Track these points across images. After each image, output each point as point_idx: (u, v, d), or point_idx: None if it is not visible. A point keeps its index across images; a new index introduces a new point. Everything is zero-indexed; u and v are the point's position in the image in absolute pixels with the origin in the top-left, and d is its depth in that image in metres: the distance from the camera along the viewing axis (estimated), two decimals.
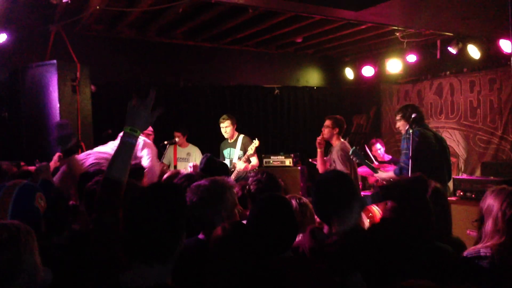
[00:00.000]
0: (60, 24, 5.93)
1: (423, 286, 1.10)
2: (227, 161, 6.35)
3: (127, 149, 1.91)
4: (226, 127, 6.32)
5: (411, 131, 4.56)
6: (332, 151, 5.38)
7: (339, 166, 5.14)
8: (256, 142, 6.09)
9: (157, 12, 5.93)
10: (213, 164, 3.69)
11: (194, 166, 4.75)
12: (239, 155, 6.27)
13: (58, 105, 5.40)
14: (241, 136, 6.38)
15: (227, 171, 4.01)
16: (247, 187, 3.24)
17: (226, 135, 6.39)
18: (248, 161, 6.09)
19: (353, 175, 5.17)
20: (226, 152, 6.47)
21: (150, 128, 5.26)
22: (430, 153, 4.75)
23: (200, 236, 2.41)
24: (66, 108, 5.48)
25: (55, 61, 5.45)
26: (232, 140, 6.41)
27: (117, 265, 1.67)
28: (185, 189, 2.46)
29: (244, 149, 6.22)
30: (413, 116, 4.69)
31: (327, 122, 5.50)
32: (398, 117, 4.95)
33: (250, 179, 3.28)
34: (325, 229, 2.46)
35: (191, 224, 2.31)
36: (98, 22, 6.39)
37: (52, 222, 2.37)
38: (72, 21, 5.87)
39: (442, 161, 4.89)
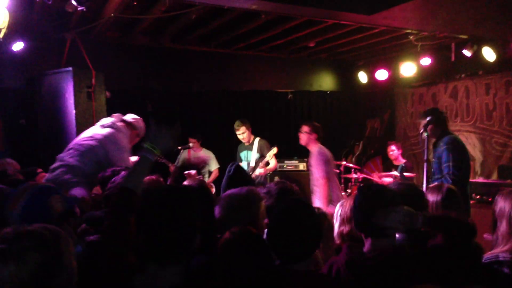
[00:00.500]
0: (76, 31, 6.01)
1: None
2: (244, 164, 6.41)
3: (145, 163, 2.01)
4: (242, 133, 6.40)
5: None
6: (311, 156, 5.39)
7: (316, 171, 5.17)
8: (274, 150, 6.16)
9: (170, 19, 5.98)
10: (241, 173, 3.66)
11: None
12: (256, 158, 6.33)
13: (74, 111, 5.47)
14: (257, 138, 6.44)
15: (253, 181, 4.02)
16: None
17: (244, 141, 6.45)
18: (266, 164, 6.16)
19: (330, 180, 5.14)
20: (243, 154, 6.52)
21: None
22: (468, 161, 4.70)
23: None
24: (81, 114, 5.55)
25: (70, 68, 5.52)
26: (249, 143, 6.46)
27: (130, 269, 1.70)
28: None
29: (261, 151, 6.29)
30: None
31: (305, 128, 5.51)
32: (426, 121, 4.63)
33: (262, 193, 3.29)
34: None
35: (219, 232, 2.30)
36: (112, 29, 6.46)
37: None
38: (87, 28, 5.95)
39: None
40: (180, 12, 5.49)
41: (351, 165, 7.59)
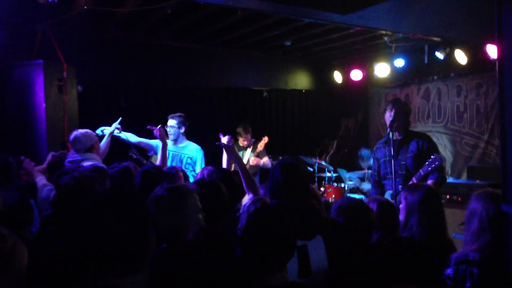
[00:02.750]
0: (47, 23, 5.87)
1: None
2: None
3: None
4: (245, 139, 6.49)
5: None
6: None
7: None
8: (265, 139, 6.33)
9: (145, 13, 5.89)
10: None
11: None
12: (249, 157, 6.38)
13: (44, 105, 5.34)
14: (253, 140, 6.50)
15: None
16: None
17: (244, 145, 6.51)
18: (258, 156, 6.29)
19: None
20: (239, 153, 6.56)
21: None
22: None
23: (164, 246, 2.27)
24: (52, 108, 5.42)
25: (41, 60, 5.39)
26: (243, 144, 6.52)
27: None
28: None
29: (254, 151, 6.37)
30: None
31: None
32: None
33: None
34: None
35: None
36: (85, 22, 6.33)
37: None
38: (59, 20, 5.81)
39: None
40: (155, 6, 5.42)
41: (324, 163, 7.63)
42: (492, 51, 6.29)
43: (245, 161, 6.30)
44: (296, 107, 9.18)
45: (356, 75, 8.62)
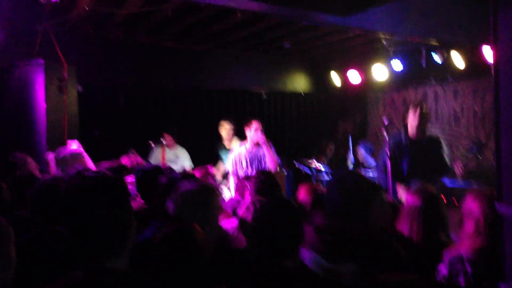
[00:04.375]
0: (48, 23, 5.90)
1: (402, 280, 1.12)
2: (220, 165, 6.46)
3: None
4: (226, 129, 6.58)
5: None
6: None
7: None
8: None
9: (146, 14, 5.94)
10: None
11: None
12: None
13: (44, 104, 5.36)
14: (237, 140, 6.49)
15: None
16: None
17: (223, 136, 6.50)
18: None
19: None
20: (224, 154, 6.58)
21: None
22: None
23: None
24: (52, 107, 5.45)
25: (42, 60, 5.42)
26: (229, 145, 6.50)
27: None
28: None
29: None
30: None
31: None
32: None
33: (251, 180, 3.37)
34: None
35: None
36: (86, 23, 6.36)
37: None
38: (60, 21, 5.85)
39: None
40: (156, 8, 5.47)
41: (320, 165, 7.66)
42: (488, 55, 6.33)
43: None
44: (294, 110, 9.22)
45: (355, 78, 8.67)
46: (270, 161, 5.51)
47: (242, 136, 6.54)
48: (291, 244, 2.11)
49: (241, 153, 5.63)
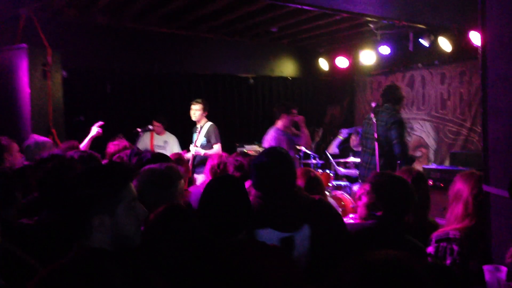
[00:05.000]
0: (31, 7, 5.79)
1: (389, 256, 1.12)
2: (191, 145, 6.40)
3: None
4: (196, 110, 6.33)
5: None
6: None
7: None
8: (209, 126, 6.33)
9: None
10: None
11: None
12: (201, 142, 6.28)
13: (28, 90, 5.28)
14: (209, 123, 6.38)
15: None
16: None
17: (193, 118, 6.38)
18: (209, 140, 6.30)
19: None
20: (194, 136, 6.50)
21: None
22: None
23: None
24: (36, 93, 5.37)
25: (25, 45, 5.32)
26: (199, 125, 6.40)
27: None
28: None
29: (208, 136, 6.25)
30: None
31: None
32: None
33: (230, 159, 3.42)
34: None
35: None
36: (70, 7, 6.25)
37: None
38: (43, 5, 5.74)
39: None
40: None
41: (308, 151, 7.68)
42: (475, 38, 6.36)
43: (198, 142, 6.25)
44: (282, 94, 9.20)
45: (342, 62, 8.67)
46: (306, 141, 6.28)
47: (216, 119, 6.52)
48: (240, 221, 2.10)
49: (278, 137, 5.90)
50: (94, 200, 1.62)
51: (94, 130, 5.13)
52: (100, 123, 5.22)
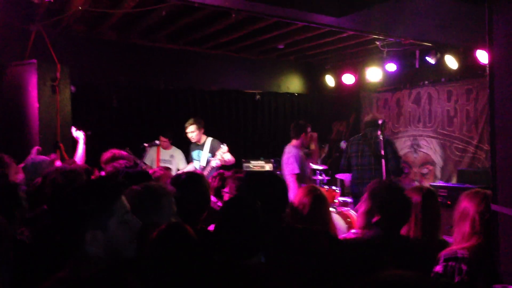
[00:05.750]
0: (41, 23, 5.87)
1: (403, 276, 1.12)
2: (196, 163, 6.39)
3: None
4: (191, 132, 6.35)
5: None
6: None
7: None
8: (224, 148, 6.09)
9: (140, 15, 5.92)
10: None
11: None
12: (207, 157, 6.29)
13: (37, 105, 5.33)
14: (210, 138, 6.40)
15: None
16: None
17: (192, 140, 6.40)
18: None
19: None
20: (194, 154, 6.49)
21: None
22: None
23: None
24: (45, 108, 5.41)
25: (35, 60, 5.38)
26: (200, 143, 6.42)
27: None
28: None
29: (213, 151, 6.24)
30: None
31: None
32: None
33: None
34: None
35: None
36: (79, 23, 6.34)
37: None
38: (54, 21, 5.82)
39: None
40: (150, 8, 5.45)
41: (315, 166, 7.67)
42: (482, 56, 6.38)
43: (203, 160, 6.25)
44: (288, 111, 9.23)
45: (348, 79, 8.69)
46: (316, 159, 6.44)
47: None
48: (254, 244, 2.07)
49: (301, 155, 5.77)
50: (86, 216, 1.64)
51: (80, 135, 5.23)
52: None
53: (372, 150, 5.44)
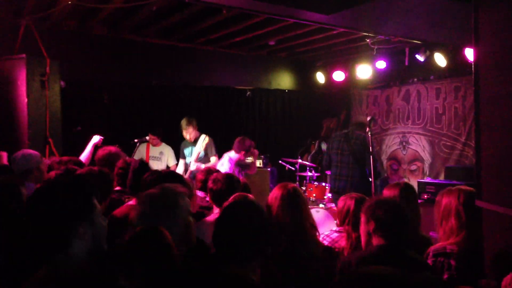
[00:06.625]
0: (31, 18, 5.83)
1: (382, 272, 1.14)
2: (188, 160, 6.39)
3: None
4: (190, 133, 6.39)
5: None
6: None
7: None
8: (205, 138, 6.14)
9: (130, 10, 5.90)
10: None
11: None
12: (200, 155, 6.28)
13: (26, 99, 5.29)
14: (203, 136, 6.40)
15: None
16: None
17: (190, 140, 6.44)
18: (206, 154, 6.24)
19: None
20: (187, 151, 6.49)
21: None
22: None
23: None
24: (34, 103, 5.37)
25: (24, 55, 5.34)
26: (192, 141, 6.44)
27: None
28: None
29: (206, 149, 6.24)
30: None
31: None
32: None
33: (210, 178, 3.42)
34: None
35: None
36: (70, 18, 6.31)
37: None
38: (43, 15, 5.78)
39: None
40: (140, 3, 5.43)
41: (306, 163, 7.72)
42: (470, 54, 6.43)
43: (194, 156, 6.25)
44: (279, 107, 9.26)
45: (339, 76, 8.74)
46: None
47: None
48: (246, 251, 1.96)
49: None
50: (78, 210, 1.69)
51: (96, 138, 5.14)
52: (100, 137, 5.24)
53: (350, 148, 5.58)
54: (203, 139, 6.27)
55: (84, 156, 5.03)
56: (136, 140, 6.06)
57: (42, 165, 3.90)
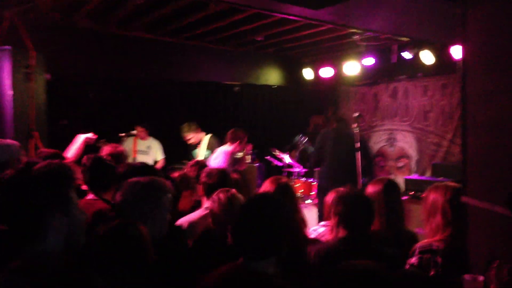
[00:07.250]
0: (15, 10, 5.73)
1: (362, 266, 1.14)
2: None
3: None
4: (192, 138, 6.44)
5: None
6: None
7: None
8: (208, 139, 6.18)
9: (116, 3, 5.83)
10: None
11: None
12: (205, 155, 6.31)
13: (10, 92, 5.21)
14: (208, 136, 6.42)
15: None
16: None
17: (194, 143, 6.48)
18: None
19: None
20: (193, 153, 6.55)
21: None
22: None
23: None
24: (19, 96, 5.29)
25: (9, 47, 5.26)
26: (197, 143, 6.49)
27: None
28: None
29: (211, 148, 6.27)
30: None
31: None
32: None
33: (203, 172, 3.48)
34: None
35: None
36: (54, 10, 6.20)
37: None
38: (28, 7, 5.68)
39: None
40: None
41: (290, 161, 7.74)
42: (456, 53, 6.48)
43: (202, 157, 6.27)
44: (266, 103, 9.25)
45: (326, 72, 8.75)
46: None
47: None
48: (265, 246, 1.91)
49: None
50: (52, 201, 1.67)
51: (80, 138, 5.01)
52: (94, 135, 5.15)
53: (339, 145, 5.71)
54: (206, 140, 6.33)
55: (71, 152, 4.94)
56: (123, 134, 6.02)
57: (23, 156, 3.79)
